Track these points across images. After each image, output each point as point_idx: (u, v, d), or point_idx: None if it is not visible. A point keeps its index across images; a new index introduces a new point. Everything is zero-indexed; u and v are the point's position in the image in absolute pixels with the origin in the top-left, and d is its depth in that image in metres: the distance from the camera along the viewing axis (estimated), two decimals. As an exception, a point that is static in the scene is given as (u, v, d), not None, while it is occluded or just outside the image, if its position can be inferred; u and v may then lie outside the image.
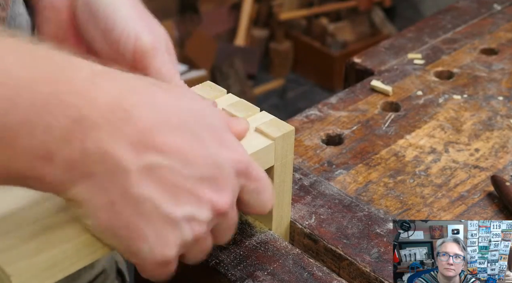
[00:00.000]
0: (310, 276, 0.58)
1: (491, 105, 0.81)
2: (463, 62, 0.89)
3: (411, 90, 0.83)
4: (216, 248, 0.61)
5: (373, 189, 0.68)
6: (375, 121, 0.78)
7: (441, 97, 0.82)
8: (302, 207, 0.65)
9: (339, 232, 0.62)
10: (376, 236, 0.62)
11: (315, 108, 0.79)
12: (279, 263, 0.59)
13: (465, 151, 0.74)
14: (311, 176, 0.69)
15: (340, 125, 0.77)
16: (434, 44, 0.92)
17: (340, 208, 0.65)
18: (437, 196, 0.68)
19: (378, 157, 0.72)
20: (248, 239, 0.62)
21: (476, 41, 0.93)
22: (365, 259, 0.60)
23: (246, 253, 0.60)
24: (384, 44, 0.92)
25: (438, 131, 0.76)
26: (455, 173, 0.71)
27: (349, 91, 0.83)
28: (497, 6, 1.02)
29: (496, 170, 0.71)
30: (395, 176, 0.70)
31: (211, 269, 0.59)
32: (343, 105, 0.80)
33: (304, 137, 0.75)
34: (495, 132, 0.76)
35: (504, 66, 0.88)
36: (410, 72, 0.86)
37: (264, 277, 0.58)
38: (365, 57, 0.89)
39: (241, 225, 0.63)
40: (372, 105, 0.80)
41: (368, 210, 0.65)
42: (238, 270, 0.59)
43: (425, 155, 0.73)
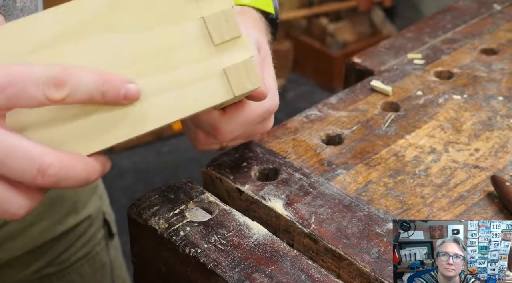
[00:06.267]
0: (308, 278, 0.58)
1: (491, 105, 0.80)
2: (463, 62, 0.89)
3: (411, 90, 0.83)
4: (214, 250, 0.61)
5: (373, 189, 0.68)
6: (375, 121, 0.78)
7: (441, 97, 0.82)
8: (302, 207, 0.65)
9: (339, 232, 0.62)
10: (376, 236, 0.62)
11: (315, 108, 0.79)
12: (277, 265, 0.59)
13: (465, 151, 0.73)
14: (311, 176, 0.69)
15: (340, 125, 0.77)
16: (434, 44, 0.92)
17: (340, 208, 0.65)
18: (437, 196, 0.67)
19: (378, 157, 0.72)
20: (246, 241, 0.62)
21: (476, 41, 0.93)
22: (365, 259, 0.60)
23: (244, 255, 0.60)
24: (384, 44, 0.92)
25: (438, 131, 0.76)
26: (455, 173, 0.70)
27: (349, 91, 0.83)
28: (497, 6, 1.02)
29: (496, 170, 0.71)
30: (395, 176, 0.70)
31: (209, 271, 0.59)
32: (343, 105, 0.80)
33: (304, 137, 0.75)
34: (495, 132, 0.76)
35: (504, 66, 0.88)
36: (410, 72, 0.86)
37: (262, 279, 0.58)
38: (365, 57, 0.89)
39: (239, 227, 0.63)
40: (372, 105, 0.80)
41: (368, 210, 0.65)
42: (235, 272, 0.59)
43: (425, 155, 0.73)
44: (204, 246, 0.61)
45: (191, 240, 0.61)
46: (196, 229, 0.63)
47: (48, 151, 0.48)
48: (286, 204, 0.65)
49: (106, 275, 0.97)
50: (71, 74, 0.48)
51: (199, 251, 0.60)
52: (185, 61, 0.53)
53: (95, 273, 0.95)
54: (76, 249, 0.92)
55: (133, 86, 0.51)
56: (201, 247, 0.61)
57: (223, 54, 0.53)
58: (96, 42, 0.51)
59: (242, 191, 0.66)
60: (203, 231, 0.62)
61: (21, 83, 0.47)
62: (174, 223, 0.63)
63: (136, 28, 0.51)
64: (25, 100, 0.47)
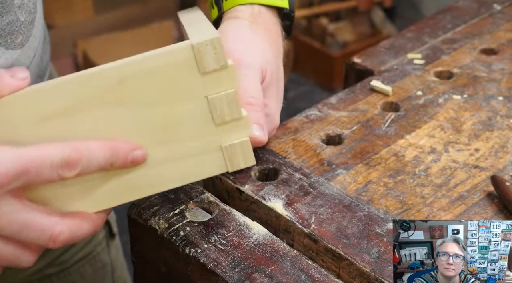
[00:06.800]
0: (308, 278, 0.58)
1: (491, 105, 0.81)
2: (463, 62, 0.89)
3: (411, 90, 0.83)
4: (214, 250, 0.61)
5: (373, 189, 0.68)
6: (375, 121, 0.78)
7: (441, 97, 0.82)
8: (302, 207, 0.65)
9: (339, 232, 0.62)
10: (376, 236, 0.62)
11: (315, 108, 0.79)
12: (276, 265, 0.59)
13: (465, 151, 0.73)
14: (311, 176, 0.69)
15: (340, 125, 0.77)
16: (434, 44, 0.92)
17: (340, 208, 0.65)
18: (437, 196, 0.67)
19: (378, 157, 0.72)
20: (246, 241, 0.62)
21: (476, 41, 0.93)
22: (365, 259, 0.60)
23: (244, 255, 0.60)
24: (384, 44, 0.92)
25: (438, 131, 0.76)
26: (455, 173, 0.70)
27: (349, 91, 0.83)
28: (497, 6, 1.02)
29: (496, 170, 0.71)
30: (395, 176, 0.70)
31: (209, 271, 0.59)
32: (343, 105, 0.80)
33: (304, 137, 0.75)
34: (495, 132, 0.76)
35: (504, 66, 0.88)
36: (410, 72, 0.86)
37: (262, 279, 0.58)
38: (365, 57, 0.89)
39: (239, 227, 0.63)
40: (372, 105, 0.80)
41: (368, 210, 0.65)
42: (235, 272, 0.59)
43: (425, 155, 0.73)
44: (204, 246, 0.61)
45: (191, 240, 0.61)
46: (196, 229, 0.63)
47: (58, 221, 0.54)
48: (286, 204, 0.65)
49: (107, 275, 0.97)
50: (83, 154, 0.53)
51: (199, 251, 0.60)
52: (187, 136, 0.56)
53: (96, 273, 0.95)
54: (77, 249, 0.92)
55: (139, 153, 0.55)
56: (201, 247, 0.61)
57: (222, 133, 0.57)
58: (103, 114, 0.54)
59: (242, 191, 0.66)
60: (203, 231, 0.62)
61: (36, 169, 0.51)
62: (174, 223, 0.63)
63: (142, 104, 0.54)
64: (40, 181, 0.52)
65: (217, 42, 0.53)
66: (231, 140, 0.57)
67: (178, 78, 0.54)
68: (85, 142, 0.53)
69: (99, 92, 0.53)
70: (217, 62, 0.53)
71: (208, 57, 0.53)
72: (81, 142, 0.53)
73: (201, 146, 0.57)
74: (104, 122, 0.54)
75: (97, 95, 0.53)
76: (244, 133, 0.58)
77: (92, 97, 0.53)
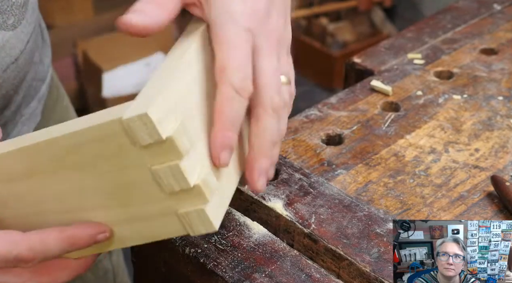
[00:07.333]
0: (308, 278, 0.58)
1: (491, 105, 0.80)
2: (463, 62, 0.89)
3: (411, 90, 0.83)
4: (214, 250, 0.61)
5: (373, 189, 0.68)
6: (375, 121, 0.78)
7: (441, 97, 0.82)
8: (302, 207, 0.65)
9: (339, 232, 0.62)
10: (376, 236, 0.62)
11: (315, 108, 0.79)
12: (276, 265, 0.59)
13: (465, 151, 0.73)
14: (311, 176, 0.69)
15: (340, 125, 0.77)
16: (434, 44, 0.92)
17: (340, 208, 0.65)
18: (437, 196, 0.67)
19: (378, 157, 0.72)
20: (246, 241, 0.62)
21: (476, 41, 0.93)
22: (365, 259, 0.60)
23: (244, 255, 0.60)
24: (384, 44, 0.92)
25: (438, 131, 0.76)
26: (455, 173, 0.70)
27: (349, 91, 0.83)
28: (497, 6, 1.02)
29: (496, 170, 0.71)
30: (395, 176, 0.70)
31: (209, 271, 0.59)
32: (343, 105, 0.80)
33: (304, 137, 0.75)
34: (495, 132, 0.76)
35: (504, 66, 0.88)
36: (410, 72, 0.86)
37: (262, 279, 0.58)
38: (365, 57, 0.89)
39: (239, 227, 0.63)
40: (372, 105, 0.80)
41: (368, 210, 0.65)
42: (235, 272, 0.59)
43: (425, 155, 0.73)
44: (204, 246, 0.61)
45: (191, 240, 0.61)
46: (196, 229, 0.63)
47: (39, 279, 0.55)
48: (286, 204, 0.65)
49: (109, 281, 0.97)
50: (37, 251, 0.53)
51: (199, 251, 0.60)
52: (142, 200, 0.53)
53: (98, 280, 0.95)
54: None
55: (102, 236, 0.55)
56: (201, 247, 0.61)
57: (177, 200, 0.52)
58: (61, 178, 0.54)
59: (242, 191, 0.66)
60: (203, 231, 0.62)
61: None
62: (174, 223, 0.63)
63: (94, 169, 0.53)
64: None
65: (146, 118, 0.48)
66: (186, 208, 0.52)
67: (118, 148, 0.51)
68: (41, 235, 0.53)
69: (52, 158, 0.53)
70: (150, 136, 0.48)
71: (140, 132, 0.48)
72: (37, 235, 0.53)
73: (158, 210, 0.53)
74: (62, 185, 0.54)
75: (51, 160, 0.53)
76: (199, 201, 0.52)
77: (50, 161, 0.53)
